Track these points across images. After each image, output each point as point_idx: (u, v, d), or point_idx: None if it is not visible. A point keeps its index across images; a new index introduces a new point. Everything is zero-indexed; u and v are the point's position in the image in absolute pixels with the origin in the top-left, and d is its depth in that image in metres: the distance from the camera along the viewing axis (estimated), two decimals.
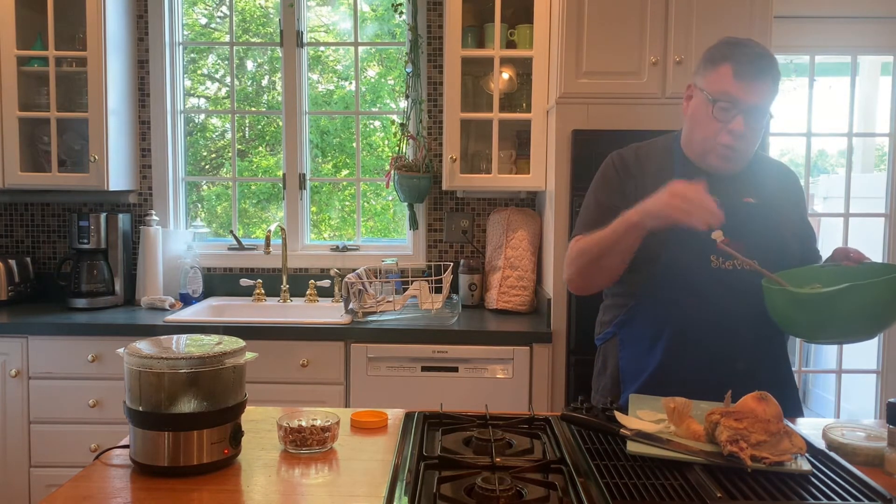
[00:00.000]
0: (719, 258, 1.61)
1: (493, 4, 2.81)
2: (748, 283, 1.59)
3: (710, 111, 1.58)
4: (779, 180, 1.75)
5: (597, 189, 1.77)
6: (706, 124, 1.61)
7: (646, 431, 1.28)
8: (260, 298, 3.11)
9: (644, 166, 1.71)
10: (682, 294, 1.61)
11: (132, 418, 1.21)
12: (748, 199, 1.66)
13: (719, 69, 1.58)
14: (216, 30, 3.56)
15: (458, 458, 1.23)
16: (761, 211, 1.65)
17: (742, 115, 1.56)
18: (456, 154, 2.85)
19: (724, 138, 1.59)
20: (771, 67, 1.58)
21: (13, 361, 2.64)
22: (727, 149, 1.60)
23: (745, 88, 1.55)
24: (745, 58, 1.56)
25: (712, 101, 1.58)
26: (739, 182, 1.67)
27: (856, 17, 3.07)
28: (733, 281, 1.60)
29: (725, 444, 1.18)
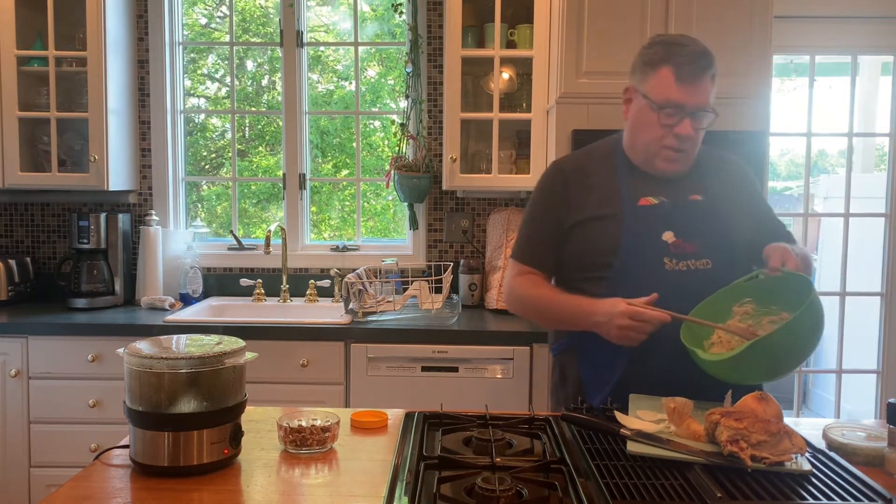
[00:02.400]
0: (673, 260, 1.58)
1: (493, 4, 2.81)
2: (703, 282, 1.56)
3: (654, 117, 1.57)
4: (727, 174, 1.71)
5: (538, 207, 1.73)
6: (651, 129, 1.59)
7: (646, 431, 1.28)
8: (260, 298, 3.11)
9: (585, 174, 1.69)
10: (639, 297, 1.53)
11: (132, 418, 1.21)
12: (695, 197, 1.64)
13: (659, 73, 1.56)
14: (216, 30, 3.56)
15: (458, 458, 1.23)
16: (709, 208, 1.63)
17: (688, 118, 1.55)
18: (456, 154, 2.85)
19: (671, 142, 1.58)
20: (710, 65, 1.56)
21: (13, 361, 2.64)
22: (673, 151, 1.59)
23: (688, 91, 1.54)
24: (684, 59, 1.54)
25: (658, 109, 1.56)
26: (686, 180, 1.65)
27: (856, 17, 3.07)
28: (689, 282, 1.57)
29: (726, 444, 1.18)
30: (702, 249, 1.59)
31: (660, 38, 1.62)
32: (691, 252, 1.59)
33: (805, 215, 3.28)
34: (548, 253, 1.70)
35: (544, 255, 1.71)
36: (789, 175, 5.12)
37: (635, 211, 1.61)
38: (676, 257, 1.58)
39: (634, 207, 1.61)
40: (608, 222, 1.62)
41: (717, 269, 1.60)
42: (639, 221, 1.60)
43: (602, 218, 1.63)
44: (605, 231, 1.61)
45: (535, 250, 1.72)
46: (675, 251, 1.58)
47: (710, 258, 1.60)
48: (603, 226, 1.62)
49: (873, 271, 3.24)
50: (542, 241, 1.70)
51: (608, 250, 1.59)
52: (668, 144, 1.58)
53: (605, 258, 1.60)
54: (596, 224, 1.63)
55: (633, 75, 1.65)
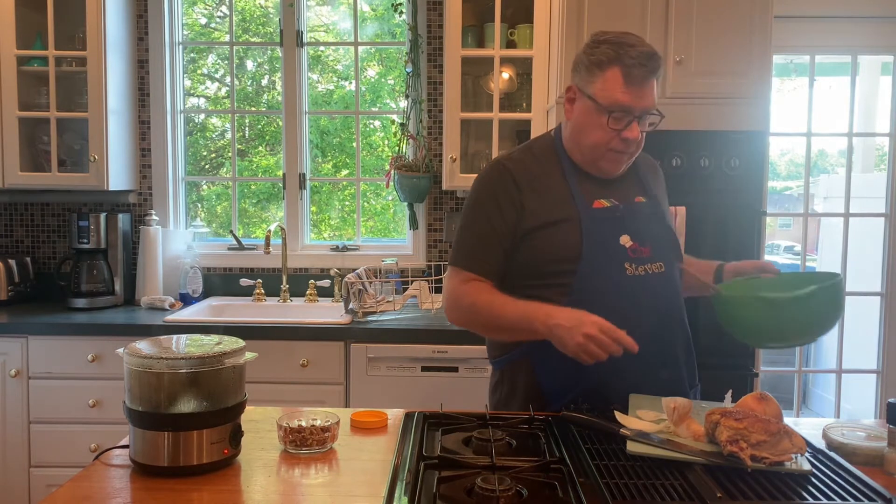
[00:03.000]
0: (633, 265, 1.54)
1: (493, 4, 2.81)
2: (658, 287, 1.55)
3: (601, 120, 1.51)
4: (651, 172, 1.72)
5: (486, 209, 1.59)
6: (597, 131, 1.53)
7: (646, 431, 1.28)
8: (260, 298, 3.11)
9: (533, 176, 1.60)
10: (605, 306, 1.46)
11: (132, 418, 1.21)
12: (639, 199, 1.62)
13: (606, 74, 1.49)
14: (216, 30, 3.56)
15: (458, 458, 1.23)
16: (651, 209, 1.62)
17: (636, 121, 1.51)
18: (456, 154, 2.85)
19: (618, 145, 1.53)
20: (658, 66, 1.52)
21: (13, 361, 2.64)
22: (620, 154, 1.55)
23: (637, 94, 1.49)
24: (634, 61, 1.48)
25: (606, 112, 1.50)
26: (629, 183, 1.63)
27: (856, 17, 3.07)
28: (647, 287, 1.54)
29: (725, 444, 1.18)
30: (654, 253, 1.56)
31: (605, 37, 1.54)
32: (647, 256, 1.55)
33: (805, 215, 3.28)
34: (497, 260, 1.58)
35: (493, 262, 1.58)
36: (789, 175, 5.13)
37: (591, 214, 1.55)
38: (635, 262, 1.54)
39: (589, 210, 1.55)
40: (566, 227, 1.54)
41: (668, 272, 1.58)
42: (596, 225, 1.54)
43: (559, 223, 1.54)
44: (564, 236, 1.53)
45: (484, 257, 1.58)
46: (633, 256, 1.54)
47: (662, 261, 1.57)
48: (561, 231, 1.54)
49: (873, 271, 3.24)
50: (492, 246, 1.57)
51: (569, 257, 1.52)
52: (614, 147, 1.53)
53: (567, 265, 1.52)
54: (553, 229, 1.54)
55: (576, 74, 1.57)
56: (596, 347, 1.35)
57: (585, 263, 1.51)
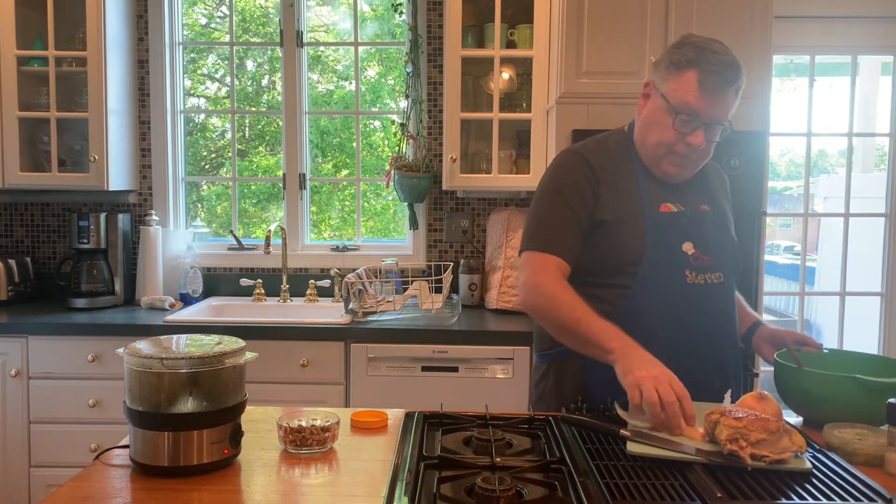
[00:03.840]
0: (693, 272, 1.53)
1: (493, 4, 2.81)
2: (717, 297, 1.55)
3: (669, 120, 1.50)
4: (717, 180, 1.71)
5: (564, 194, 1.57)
6: (663, 131, 1.52)
7: (646, 431, 1.28)
8: (260, 298, 3.11)
9: (607, 169, 1.59)
10: (664, 312, 1.50)
11: (132, 418, 1.21)
12: (704, 207, 1.61)
13: (683, 76, 1.49)
14: (216, 30, 3.56)
15: (458, 458, 1.22)
16: (715, 217, 1.61)
17: (702, 129, 1.50)
18: (456, 154, 2.85)
19: (681, 148, 1.52)
20: (737, 78, 1.50)
21: (13, 361, 2.64)
22: (682, 158, 1.54)
23: (709, 102, 1.48)
24: (711, 67, 1.47)
25: (674, 113, 1.49)
26: (696, 190, 1.62)
27: (856, 17, 3.07)
28: (706, 297, 1.54)
29: (725, 442, 1.18)
30: (715, 262, 1.56)
31: (690, 40, 1.53)
32: (707, 265, 1.54)
33: (805, 215, 3.29)
34: (577, 245, 1.54)
35: (573, 247, 1.54)
36: (789, 175, 5.12)
37: (657, 218, 1.54)
38: (696, 270, 1.53)
39: (656, 214, 1.55)
40: (631, 226, 1.53)
41: (727, 283, 1.58)
42: (661, 229, 1.53)
43: (625, 220, 1.54)
44: (628, 236, 1.53)
45: (563, 240, 1.54)
46: (694, 264, 1.53)
47: (722, 272, 1.56)
48: (627, 229, 1.53)
49: (873, 271, 3.24)
50: (572, 230, 1.54)
51: (632, 258, 1.51)
52: (677, 151, 1.52)
53: (629, 266, 1.51)
54: (620, 226, 1.54)
55: (656, 71, 1.57)
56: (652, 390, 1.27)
57: (647, 266, 1.51)
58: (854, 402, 1.38)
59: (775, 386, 1.53)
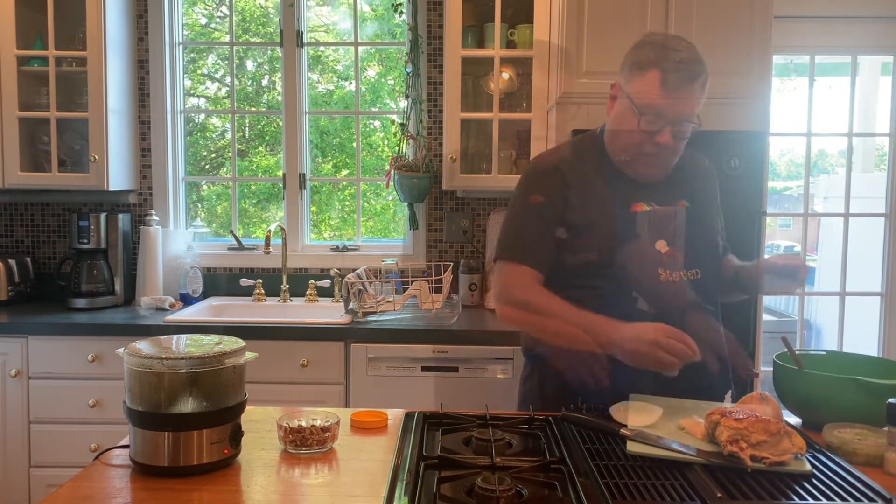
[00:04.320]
0: (667, 270, 1.53)
1: (493, 4, 2.81)
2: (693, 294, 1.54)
3: (635, 121, 1.50)
4: (700, 176, 1.69)
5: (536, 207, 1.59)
6: (631, 132, 1.52)
7: (646, 432, 1.28)
8: (260, 298, 3.11)
9: (577, 174, 1.60)
10: (634, 312, 1.50)
11: (132, 418, 1.21)
12: (682, 204, 1.60)
13: (646, 76, 1.49)
14: (216, 30, 3.56)
15: (458, 458, 1.22)
16: (693, 213, 1.60)
17: (669, 128, 1.49)
18: (456, 154, 2.85)
19: (650, 149, 1.52)
20: (700, 73, 1.50)
21: (13, 361, 2.64)
22: (653, 157, 1.54)
23: (673, 100, 1.47)
24: (672, 65, 1.46)
25: (639, 114, 1.49)
26: (672, 185, 1.61)
27: (856, 17, 3.07)
28: (681, 294, 1.53)
29: (726, 444, 1.18)
30: (691, 259, 1.55)
31: (651, 38, 1.54)
32: (682, 262, 1.54)
33: (805, 215, 3.29)
34: (549, 252, 1.57)
35: (546, 255, 1.57)
36: (789, 175, 5.13)
37: (628, 218, 1.55)
38: (670, 267, 1.53)
39: (627, 214, 1.55)
40: (603, 229, 1.54)
41: (704, 279, 1.57)
42: (633, 229, 1.54)
43: (597, 222, 1.55)
44: (600, 237, 1.54)
45: (536, 250, 1.57)
46: (668, 261, 1.53)
47: (698, 268, 1.56)
48: (599, 232, 1.54)
49: (873, 271, 3.24)
50: (543, 238, 1.56)
51: (604, 259, 1.52)
52: (646, 151, 1.52)
53: (601, 267, 1.53)
54: (591, 229, 1.55)
55: (621, 72, 1.58)
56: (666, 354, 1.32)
57: (619, 267, 1.51)
58: (854, 404, 1.38)
59: (774, 387, 1.53)
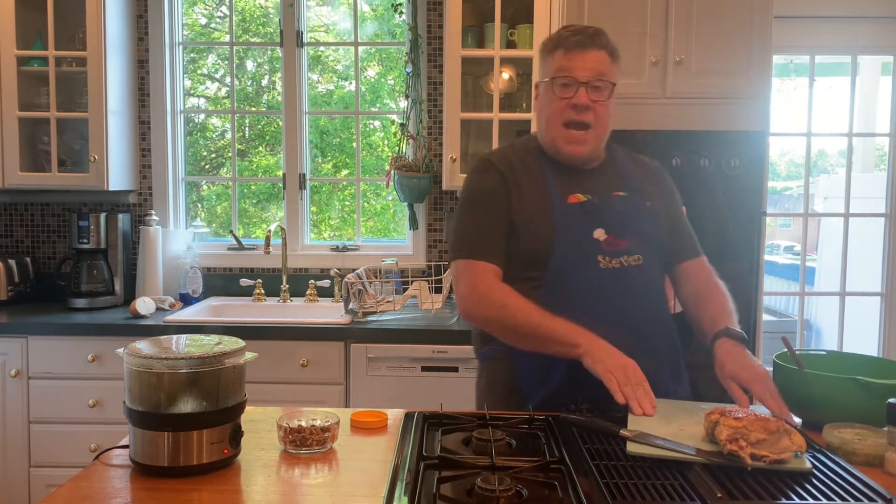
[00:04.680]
0: (606, 258, 1.56)
1: (493, 4, 2.82)
2: (636, 279, 1.57)
3: (552, 94, 1.60)
4: (647, 173, 1.73)
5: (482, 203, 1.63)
6: (551, 104, 1.61)
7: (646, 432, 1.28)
8: (260, 298, 3.11)
9: (516, 172, 1.64)
10: (575, 299, 1.53)
11: (132, 418, 1.21)
12: (619, 193, 1.64)
13: (553, 56, 1.62)
14: (216, 30, 3.56)
15: (458, 458, 1.22)
16: (634, 203, 1.63)
17: (583, 88, 1.57)
18: (456, 154, 2.85)
19: (570, 114, 1.58)
20: (598, 36, 1.60)
21: (13, 361, 2.64)
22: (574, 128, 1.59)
23: (578, 59, 1.58)
24: (570, 34, 1.60)
25: (552, 81, 1.60)
26: (607, 176, 1.66)
27: (856, 17, 3.07)
28: (622, 280, 1.56)
29: (725, 442, 1.18)
30: (632, 245, 1.58)
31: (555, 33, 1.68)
32: (623, 249, 1.57)
33: (805, 215, 3.29)
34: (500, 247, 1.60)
35: (498, 249, 1.59)
36: (789, 175, 5.13)
37: (565, 209, 1.59)
38: (609, 255, 1.56)
39: (564, 205, 1.59)
40: (542, 222, 1.58)
41: (647, 265, 1.60)
42: (570, 220, 1.58)
43: (536, 217, 1.58)
44: (539, 231, 1.57)
45: (493, 246, 1.59)
46: (607, 249, 1.56)
47: (640, 254, 1.59)
48: (537, 225, 1.58)
49: (873, 271, 3.24)
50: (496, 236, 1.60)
51: (543, 250, 1.55)
52: (567, 119, 1.59)
53: (540, 259, 1.56)
54: (531, 224, 1.58)
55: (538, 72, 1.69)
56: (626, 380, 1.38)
57: (557, 257, 1.55)
58: (855, 404, 1.38)
59: None
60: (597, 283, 1.54)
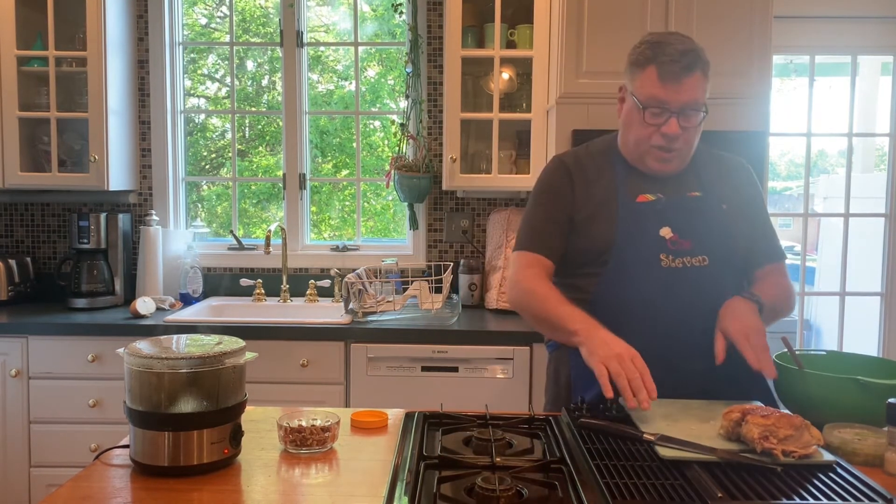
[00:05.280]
0: (670, 256, 1.57)
1: (493, 4, 2.81)
2: (699, 280, 1.56)
3: (640, 116, 1.56)
4: (728, 173, 1.70)
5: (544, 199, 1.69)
6: (639, 128, 1.58)
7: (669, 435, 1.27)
8: (260, 298, 3.11)
9: (585, 170, 1.68)
10: (635, 296, 1.55)
11: (132, 418, 1.21)
12: (693, 194, 1.63)
13: (645, 72, 1.56)
14: (216, 30, 3.56)
15: (458, 458, 1.22)
16: (708, 204, 1.62)
17: (674, 117, 1.53)
18: (456, 154, 2.85)
19: (658, 140, 1.56)
20: (696, 62, 1.53)
21: (13, 361, 2.64)
22: (663, 150, 1.58)
23: (672, 90, 1.52)
24: (667, 58, 1.52)
25: (642, 108, 1.55)
26: (684, 177, 1.65)
27: (856, 17, 3.07)
28: (684, 280, 1.56)
29: (759, 440, 1.19)
30: (698, 246, 1.58)
31: (649, 37, 1.60)
32: (688, 249, 1.57)
33: (805, 215, 3.29)
34: (556, 241, 1.65)
35: (553, 243, 1.65)
36: (789, 175, 5.12)
37: (632, 207, 1.60)
38: (673, 254, 1.57)
39: (631, 204, 1.61)
40: (604, 219, 1.60)
41: (713, 266, 1.59)
42: (635, 218, 1.59)
43: (599, 214, 1.62)
44: (601, 227, 1.60)
45: (544, 238, 1.65)
46: (672, 248, 1.57)
47: (706, 255, 1.58)
48: (599, 222, 1.61)
49: (873, 271, 3.24)
50: (551, 229, 1.65)
51: (603, 247, 1.58)
52: (655, 144, 1.57)
53: (601, 255, 1.59)
54: (593, 221, 1.62)
55: (625, 75, 1.64)
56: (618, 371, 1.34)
57: (617, 252, 1.57)
58: (854, 404, 1.38)
59: (774, 387, 1.53)
60: (657, 281, 1.55)
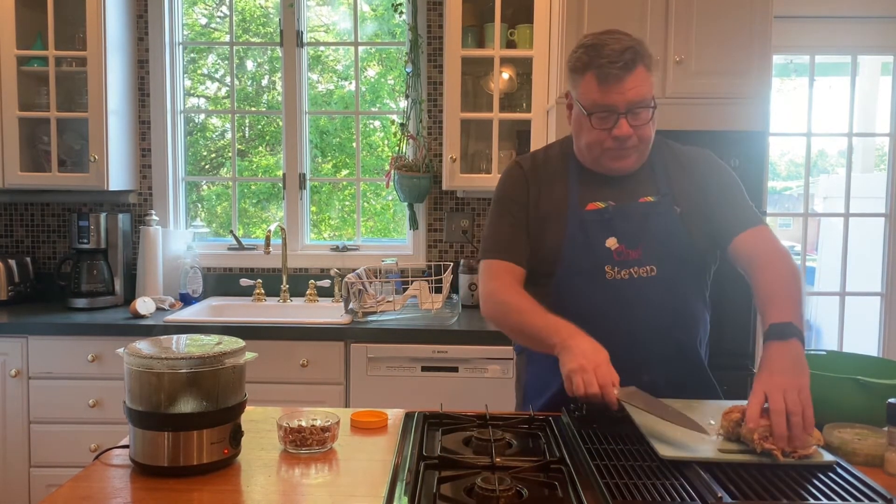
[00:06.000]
0: (615, 268, 1.52)
1: (493, 4, 2.82)
2: (646, 291, 1.52)
3: (588, 122, 1.50)
4: (689, 169, 1.61)
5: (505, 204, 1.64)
6: (589, 133, 1.52)
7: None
8: (260, 298, 3.11)
9: (540, 176, 1.63)
10: (581, 308, 1.50)
11: (132, 418, 1.21)
12: (646, 199, 1.56)
13: (584, 78, 1.49)
14: (216, 30, 3.56)
15: (458, 458, 1.22)
16: (660, 209, 1.55)
17: (623, 118, 1.47)
18: (456, 154, 2.85)
19: (610, 143, 1.51)
20: (636, 58, 1.47)
21: (13, 361, 2.64)
22: (619, 150, 1.52)
23: (616, 92, 1.46)
24: (605, 59, 1.45)
25: (588, 114, 1.50)
26: (636, 181, 1.58)
27: (856, 17, 3.07)
28: (630, 291, 1.52)
29: (759, 441, 1.19)
30: (647, 256, 1.52)
31: (584, 40, 1.53)
32: (635, 259, 1.52)
33: (805, 215, 3.29)
34: (521, 245, 1.59)
35: (521, 249, 1.59)
36: (789, 175, 5.12)
37: (580, 217, 1.55)
38: (619, 265, 1.52)
39: (580, 213, 1.55)
40: (553, 229, 1.56)
41: (663, 275, 1.53)
42: (583, 227, 1.54)
43: (548, 223, 1.57)
44: (549, 237, 1.56)
45: (512, 244, 1.59)
46: (617, 259, 1.52)
47: (655, 265, 1.53)
48: (548, 232, 1.57)
49: (873, 271, 3.24)
50: (517, 235, 1.60)
51: (551, 258, 1.55)
52: (609, 147, 1.52)
53: (549, 265, 1.55)
54: (543, 230, 1.58)
55: (568, 81, 1.58)
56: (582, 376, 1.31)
57: (564, 265, 1.54)
58: (854, 404, 1.38)
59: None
60: (603, 293, 1.52)
